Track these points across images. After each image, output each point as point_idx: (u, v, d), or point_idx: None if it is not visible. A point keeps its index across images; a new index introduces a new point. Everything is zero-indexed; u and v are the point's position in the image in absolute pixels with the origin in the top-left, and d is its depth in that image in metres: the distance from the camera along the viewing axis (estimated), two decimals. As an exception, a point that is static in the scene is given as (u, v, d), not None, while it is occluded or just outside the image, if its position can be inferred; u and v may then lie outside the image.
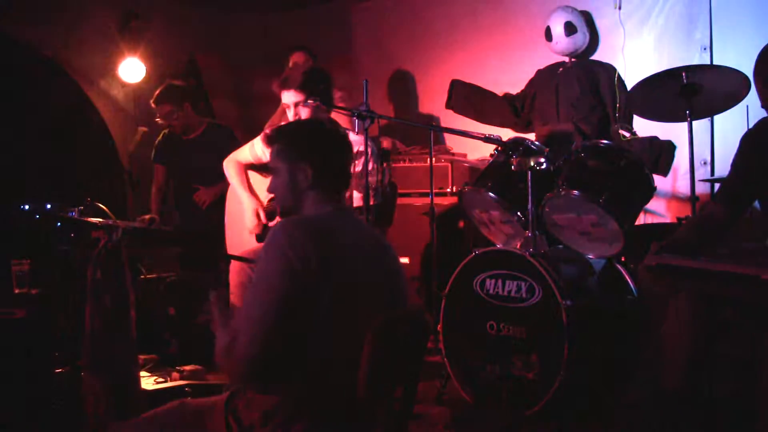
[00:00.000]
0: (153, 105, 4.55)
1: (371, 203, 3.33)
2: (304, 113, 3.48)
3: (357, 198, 3.39)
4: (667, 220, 4.42)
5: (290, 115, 3.49)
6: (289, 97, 3.45)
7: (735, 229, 2.67)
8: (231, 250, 3.77)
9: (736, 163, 2.69)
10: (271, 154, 2.13)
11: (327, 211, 2.04)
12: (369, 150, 3.38)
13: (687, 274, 2.38)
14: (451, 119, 5.24)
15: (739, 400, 2.59)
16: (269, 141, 2.15)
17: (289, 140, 2.11)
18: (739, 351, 2.60)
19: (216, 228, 4.00)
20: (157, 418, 2.01)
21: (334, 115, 3.63)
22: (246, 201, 3.59)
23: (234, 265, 3.43)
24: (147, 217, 4.46)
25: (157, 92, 4.51)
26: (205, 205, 4.47)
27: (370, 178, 3.28)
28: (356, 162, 3.51)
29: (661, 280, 2.45)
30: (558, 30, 4.54)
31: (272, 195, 2.17)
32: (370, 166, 3.35)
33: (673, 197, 4.47)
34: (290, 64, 4.85)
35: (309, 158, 2.05)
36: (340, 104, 3.87)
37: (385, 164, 3.35)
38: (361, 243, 2.02)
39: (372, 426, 1.99)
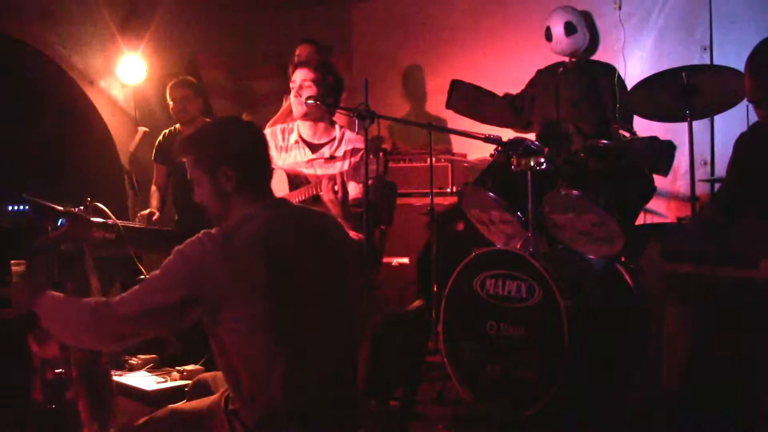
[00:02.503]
0: (169, 90, 4.58)
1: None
2: (300, 109, 3.50)
3: (354, 192, 3.39)
4: (667, 220, 4.42)
5: (292, 95, 3.53)
6: (300, 74, 3.49)
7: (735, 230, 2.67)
8: None
9: (731, 168, 2.69)
10: (188, 165, 2.05)
11: (254, 212, 1.96)
12: (365, 147, 3.39)
13: (698, 282, 2.38)
14: (451, 119, 5.24)
15: (740, 400, 2.59)
16: (182, 154, 2.07)
17: (202, 147, 2.03)
18: (739, 352, 2.60)
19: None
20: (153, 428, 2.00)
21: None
22: None
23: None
24: (146, 212, 4.46)
25: (174, 80, 4.59)
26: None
27: (362, 171, 3.28)
28: (352, 159, 3.52)
29: (673, 289, 2.45)
30: (558, 30, 4.53)
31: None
32: (370, 165, 3.34)
33: (673, 197, 4.47)
34: (297, 54, 4.85)
35: (227, 160, 1.98)
36: (342, 105, 3.88)
37: (381, 154, 3.34)
38: (295, 236, 1.96)
39: (373, 426, 1.99)
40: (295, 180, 3.53)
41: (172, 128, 4.76)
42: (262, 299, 1.83)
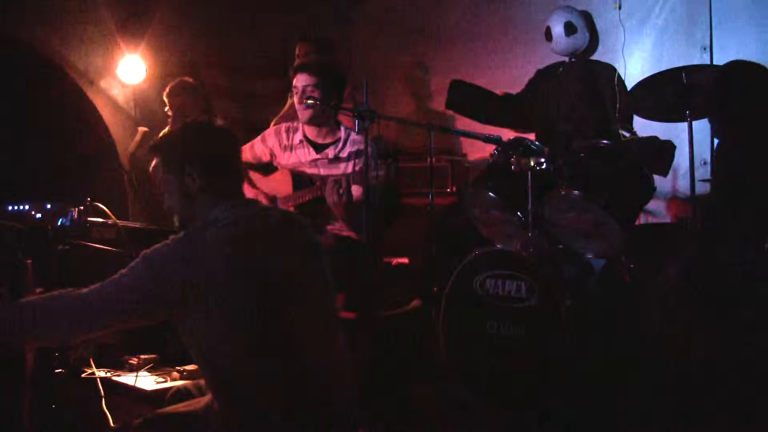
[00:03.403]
0: (166, 98, 4.57)
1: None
2: (306, 114, 3.50)
3: (358, 194, 3.39)
4: (667, 220, 4.42)
5: (296, 100, 3.52)
6: (301, 79, 3.48)
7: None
8: None
9: (715, 174, 2.71)
10: (159, 170, 2.11)
11: (220, 214, 1.98)
12: (369, 150, 3.38)
13: None
14: (453, 119, 5.24)
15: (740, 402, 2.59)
16: (152, 154, 2.18)
17: (168, 150, 2.08)
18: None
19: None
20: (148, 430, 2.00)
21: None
22: None
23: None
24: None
25: (172, 85, 4.57)
26: None
27: (370, 174, 3.27)
28: (356, 160, 3.52)
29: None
30: (558, 30, 4.54)
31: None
32: (371, 166, 3.34)
33: (673, 197, 4.46)
34: (297, 54, 4.84)
35: (191, 161, 2.02)
36: (346, 103, 3.88)
37: (389, 160, 3.32)
38: (263, 236, 1.98)
39: (372, 426, 1.99)
40: (299, 180, 3.52)
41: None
42: (232, 301, 1.85)
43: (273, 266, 1.95)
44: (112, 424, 2.54)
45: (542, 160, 3.33)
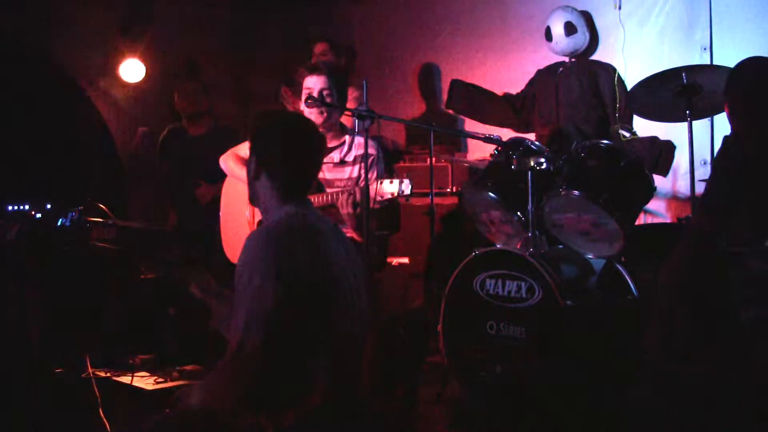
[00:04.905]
0: (180, 84, 4.60)
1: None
2: (319, 120, 3.47)
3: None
4: (667, 220, 4.42)
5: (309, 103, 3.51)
6: (318, 82, 3.46)
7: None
8: (226, 245, 3.77)
9: (718, 170, 2.69)
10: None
11: (289, 209, 2.03)
12: (374, 152, 3.38)
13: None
14: (455, 118, 5.24)
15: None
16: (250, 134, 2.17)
17: (255, 140, 2.12)
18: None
19: (214, 224, 4.01)
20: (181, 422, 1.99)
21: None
22: None
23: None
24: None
25: (186, 76, 4.63)
26: (205, 201, 4.50)
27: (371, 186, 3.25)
28: (362, 164, 3.50)
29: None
30: (558, 30, 4.54)
31: None
32: (373, 172, 3.32)
33: (673, 197, 4.47)
34: (314, 53, 4.85)
35: (266, 165, 2.07)
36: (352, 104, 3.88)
37: (405, 176, 3.27)
38: (317, 240, 2.01)
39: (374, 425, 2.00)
40: None
41: (176, 125, 4.77)
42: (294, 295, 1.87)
43: (329, 267, 1.98)
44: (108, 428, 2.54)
45: (542, 160, 3.33)
